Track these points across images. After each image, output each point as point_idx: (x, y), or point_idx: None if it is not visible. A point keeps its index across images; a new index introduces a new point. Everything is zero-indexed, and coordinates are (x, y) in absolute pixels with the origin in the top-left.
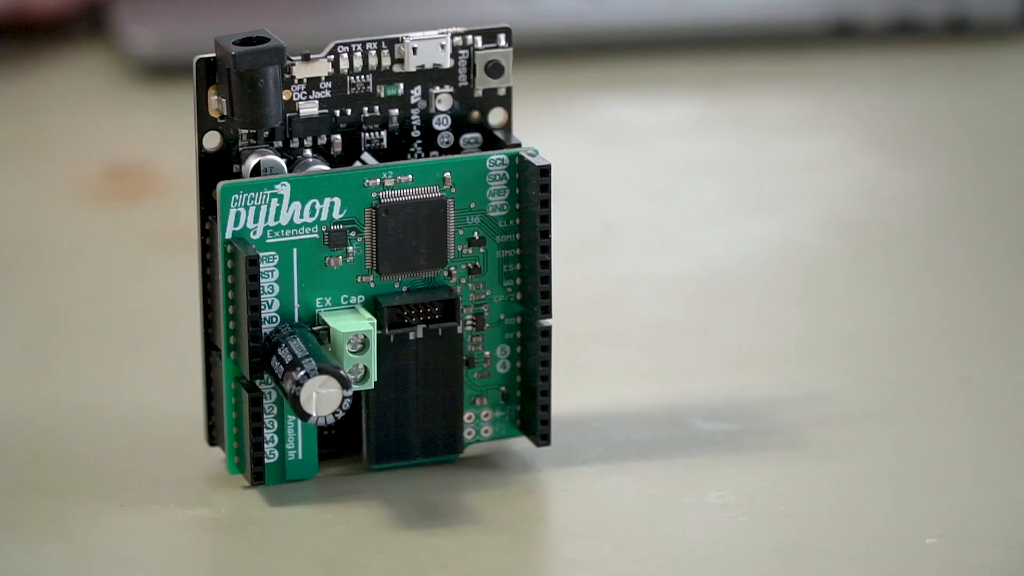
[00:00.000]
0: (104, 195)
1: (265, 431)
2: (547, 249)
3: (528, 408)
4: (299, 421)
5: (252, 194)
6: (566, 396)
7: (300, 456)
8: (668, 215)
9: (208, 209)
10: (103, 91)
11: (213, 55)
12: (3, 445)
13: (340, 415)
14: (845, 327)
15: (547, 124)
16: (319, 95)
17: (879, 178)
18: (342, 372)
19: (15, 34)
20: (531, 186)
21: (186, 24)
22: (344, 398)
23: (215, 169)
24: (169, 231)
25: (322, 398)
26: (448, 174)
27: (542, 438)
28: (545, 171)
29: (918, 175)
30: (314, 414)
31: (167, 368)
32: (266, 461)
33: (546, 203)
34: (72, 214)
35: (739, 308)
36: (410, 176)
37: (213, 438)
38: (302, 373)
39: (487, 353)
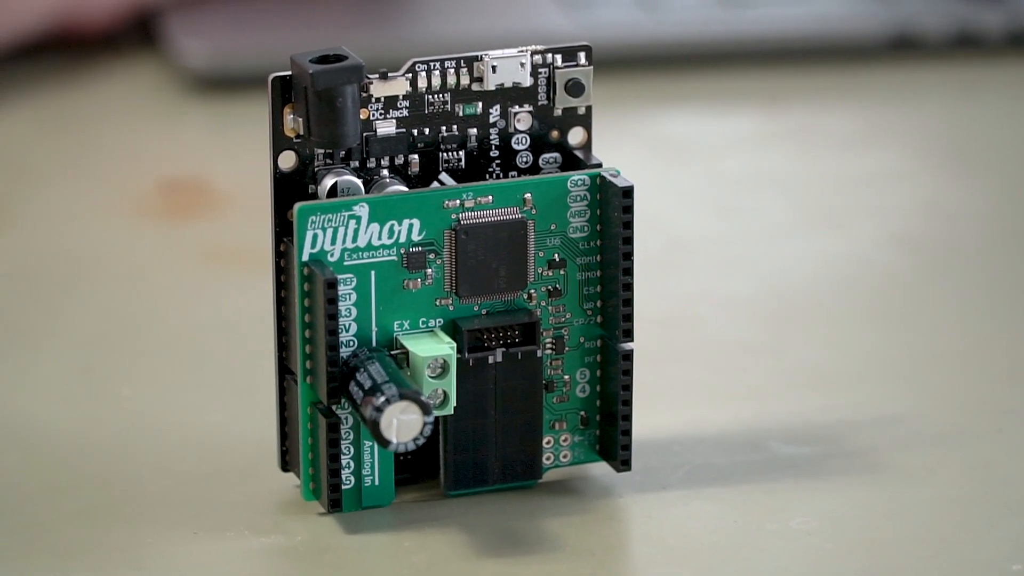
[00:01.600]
0: (160, 211)
1: (342, 457)
2: (629, 271)
3: (608, 433)
4: (376, 446)
5: (329, 215)
6: (641, 418)
7: (376, 482)
8: (733, 231)
9: (283, 230)
10: (155, 105)
11: (288, 73)
12: (71, 470)
13: (421, 442)
14: (917, 346)
15: (606, 138)
16: (396, 114)
17: (943, 194)
18: (423, 398)
19: (64, 47)
20: (613, 207)
21: (239, 36)
22: (425, 424)
23: (290, 189)
24: (229, 248)
25: (403, 424)
26: (529, 195)
27: (622, 463)
28: (627, 192)
29: (982, 190)
30: (394, 441)
31: (235, 391)
32: (343, 487)
33: (628, 224)
34: (129, 230)
35: (810, 327)
36: (490, 197)
37: (286, 463)
38: (382, 399)
39: (566, 377)
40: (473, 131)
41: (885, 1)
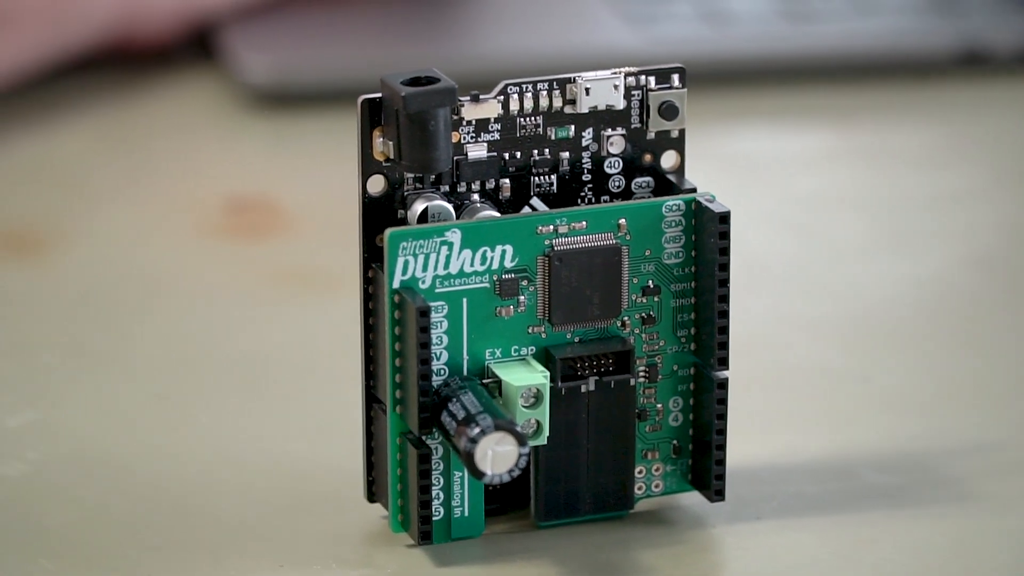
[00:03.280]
0: (226, 230)
1: (432, 488)
2: (725, 298)
3: (701, 462)
4: (465, 477)
5: (421, 242)
6: (730, 446)
7: (466, 513)
8: (810, 252)
9: (372, 256)
10: (216, 120)
11: (377, 95)
12: (148, 502)
13: (516, 473)
14: (1004, 371)
15: None
16: (488, 137)
17: (1020, 212)
18: (518, 428)
19: (122, 61)
20: (709, 233)
21: (299, 50)
22: (520, 456)
23: (379, 214)
24: (300, 269)
25: (498, 456)
26: (623, 220)
27: (716, 493)
28: (724, 218)
29: None
30: (489, 472)
31: (316, 417)
32: (433, 519)
33: (725, 251)
34: (195, 250)
35: (894, 351)
36: (584, 223)
37: (373, 494)
38: (477, 430)
39: (659, 405)
40: (565, 154)
41: (952, 16)
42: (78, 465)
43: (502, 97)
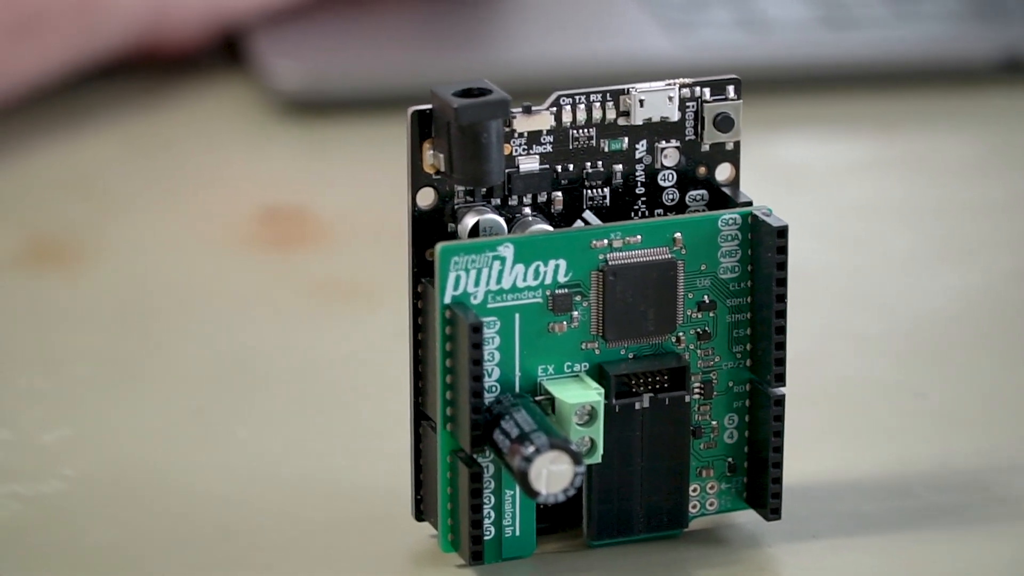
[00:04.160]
0: (260, 240)
1: (483, 507)
2: (782, 314)
3: (757, 480)
4: (517, 495)
5: (473, 256)
6: (784, 462)
7: (517, 532)
8: (857, 263)
9: (421, 270)
10: (245, 127)
11: (428, 106)
12: (188, 520)
13: (571, 493)
14: None
15: None
16: (540, 149)
17: None
18: (573, 447)
19: (149, 67)
20: (765, 247)
21: (331, 56)
22: (576, 475)
23: (428, 228)
24: (336, 280)
25: (553, 475)
26: (679, 234)
27: (772, 512)
28: (782, 232)
29: None
30: (544, 492)
31: (360, 433)
32: (484, 538)
33: (782, 265)
34: (229, 261)
35: (947, 365)
36: (639, 237)
37: (421, 512)
38: (532, 449)
39: (714, 423)
40: (619, 167)
41: (994, 23)
42: (116, 482)
43: (555, 109)
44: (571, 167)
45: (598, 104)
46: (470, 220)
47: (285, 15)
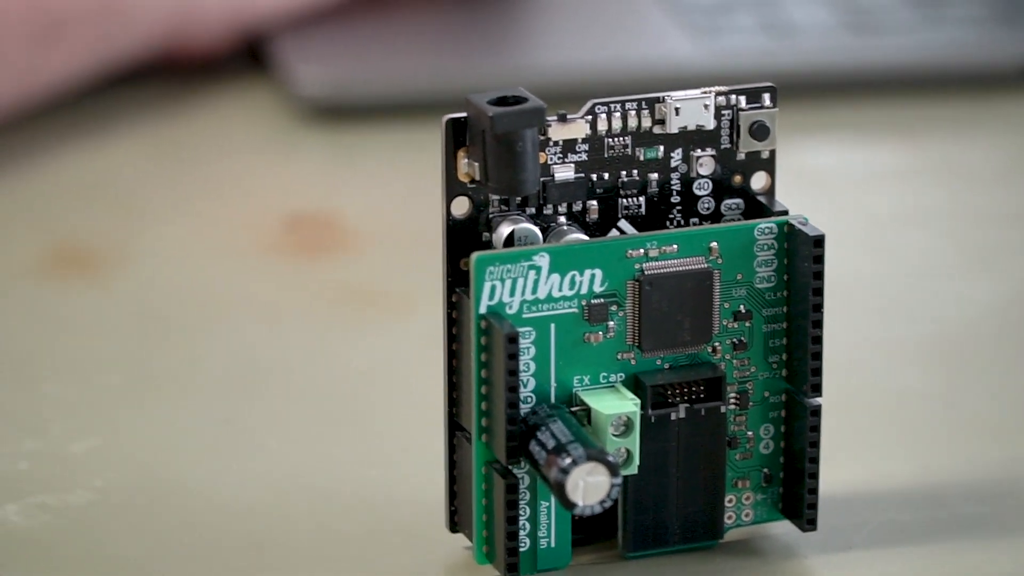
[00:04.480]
0: (286, 248)
1: (519, 518)
2: (819, 323)
3: (793, 491)
4: (552, 506)
5: (508, 266)
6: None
7: (553, 544)
8: (885, 270)
9: (456, 280)
10: (269, 134)
11: (462, 114)
12: (218, 532)
13: (608, 504)
14: None
15: None
16: (575, 158)
17: None
18: (610, 458)
19: (171, 73)
20: (802, 256)
21: (355, 62)
22: (613, 486)
23: (463, 237)
24: (364, 288)
25: (590, 487)
26: (715, 244)
27: (808, 523)
28: (819, 241)
29: None
30: (580, 503)
31: (391, 443)
32: (519, 550)
33: (819, 275)
34: (256, 268)
35: (980, 375)
36: (675, 246)
37: (455, 524)
38: (568, 460)
39: (750, 433)
40: (654, 176)
41: (1019, 28)
42: (145, 493)
43: (590, 117)
44: (606, 176)
45: (633, 112)
46: (505, 230)
47: (309, 19)
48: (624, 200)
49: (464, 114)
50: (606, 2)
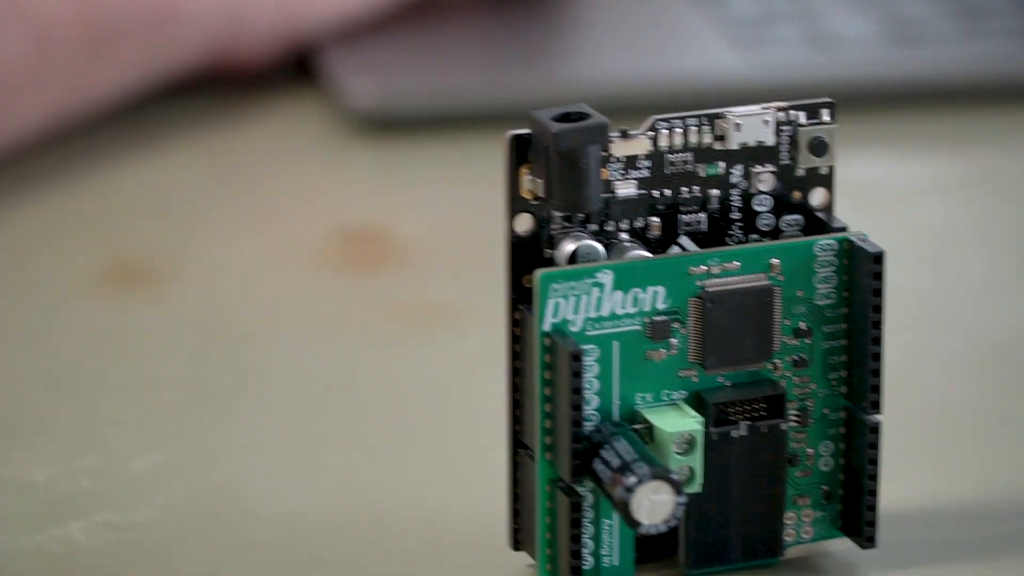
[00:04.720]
0: (342, 262)
1: (583, 536)
2: (879, 340)
3: (852, 508)
4: (616, 524)
5: (572, 283)
6: None
7: (616, 562)
8: (941, 285)
9: (519, 297)
10: (319, 146)
11: (526, 131)
12: (280, 549)
13: (673, 524)
14: None
15: None
16: (637, 174)
17: None
18: (675, 477)
19: (220, 84)
20: (862, 273)
21: (406, 74)
22: (677, 505)
23: (525, 254)
24: (420, 302)
25: (655, 505)
26: (776, 260)
27: (868, 540)
28: (878, 258)
29: None
30: (645, 522)
31: (454, 461)
32: (583, 568)
33: (879, 292)
34: (311, 283)
35: None
36: (737, 263)
37: (518, 542)
38: (633, 479)
39: (810, 450)
40: (715, 192)
41: None
42: (207, 510)
43: (651, 133)
44: (667, 192)
45: (695, 128)
46: (568, 246)
47: (358, 31)
48: (685, 216)
49: (528, 130)
50: (649, 14)
